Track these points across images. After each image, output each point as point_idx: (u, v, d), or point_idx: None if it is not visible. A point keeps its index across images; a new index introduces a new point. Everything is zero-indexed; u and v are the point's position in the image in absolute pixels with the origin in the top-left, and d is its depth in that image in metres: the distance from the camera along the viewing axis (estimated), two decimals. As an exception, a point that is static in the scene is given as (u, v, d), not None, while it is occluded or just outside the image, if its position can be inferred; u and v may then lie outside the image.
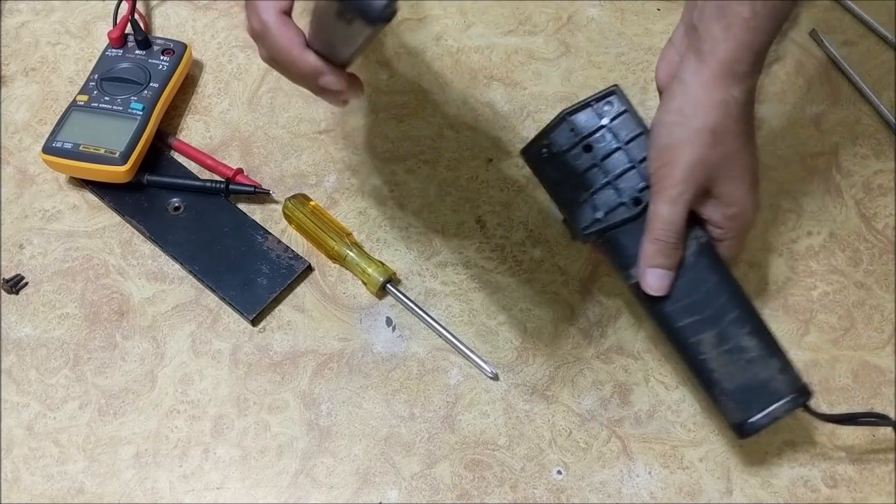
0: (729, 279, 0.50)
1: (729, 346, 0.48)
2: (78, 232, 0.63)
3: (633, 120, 0.50)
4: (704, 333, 0.49)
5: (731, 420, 0.49)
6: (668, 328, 0.50)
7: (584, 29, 0.73)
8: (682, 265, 0.49)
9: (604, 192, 0.50)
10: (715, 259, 0.50)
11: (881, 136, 0.67)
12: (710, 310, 0.49)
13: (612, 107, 0.50)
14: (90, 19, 0.74)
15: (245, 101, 0.69)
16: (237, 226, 0.62)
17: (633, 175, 0.49)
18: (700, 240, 0.50)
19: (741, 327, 0.49)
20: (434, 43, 0.72)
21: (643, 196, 0.49)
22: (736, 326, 0.48)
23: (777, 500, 0.53)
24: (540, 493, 0.53)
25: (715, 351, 0.48)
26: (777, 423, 0.48)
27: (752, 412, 0.48)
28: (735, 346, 0.48)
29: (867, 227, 0.62)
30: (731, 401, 0.49)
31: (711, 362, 0.49)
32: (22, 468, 0.54)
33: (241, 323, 0.59)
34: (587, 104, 0.50)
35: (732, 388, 0.48)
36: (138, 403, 0.56)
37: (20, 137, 0.67)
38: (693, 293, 0.49)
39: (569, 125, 0.50)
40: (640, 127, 0.50)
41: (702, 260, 0.49)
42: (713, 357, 0.48)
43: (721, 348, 0.48)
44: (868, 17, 0.72)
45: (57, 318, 0.59)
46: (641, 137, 0.50)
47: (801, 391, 0.48)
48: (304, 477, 0.54)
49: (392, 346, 0.58)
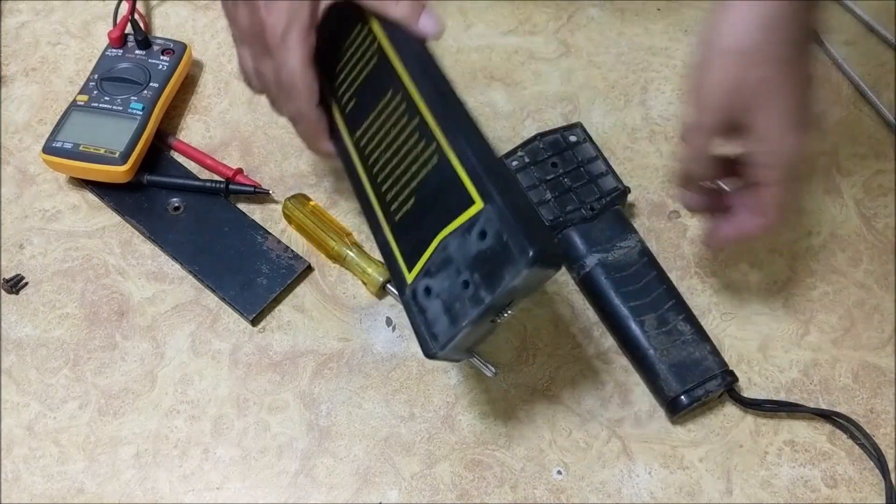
0: (664, 277, 0.57)
1: (668, 329, 0.55)
2: (78, 232, 0.63)
3: (592, 147, 0.61)
4: (647, 315, 0.55)
5: (667, 394, 0.54)
6: (617, 311, 0.56)
7: (584, 29, 0.73)
8: (627, 261, 0.57)
9: (565, 196, 0.59)
10: (652, 260, 0.58)
11: (881, 136, 0.67)
12: (649, 298, 0.56)
13: (576, 136, 0.61)
14: (90, 19, 0.74)
15: (245, 101, 0.69)
16: (237, 226, 0.62)
17: (591, 188, 0.59)
18: (641, 244, 0.58)
19: (677, 314, 0.56)
20: (434, 43, 0.72)
21: (597, 205, 0.58)
22: (673, 313, 0.55)
23: (777, 500, 0.53)
24: (540, 493, 0.53)
25: (656, 331, 0.55)
26: (706, 400, 0.54)
27: (686, 385, 0.53)
28: (673, 328, 0.55)
29: (867, 227, 0.62)
30: (670, 374, 0.54)
31: (653, 340, 0.54)
32: (22, 468, 0.54)
33: (240, 323, 0.59)
34: (556, 131, 0.61)
35: (672, 364, 0.54)
36: (138, 403, 0.56)
37: (20, 137, 0.67)
38: (635, 283, 0.56)
39: (540, 143, 0.60)
40: (597, 152, 0.60)
41: (642, 259, 0.57)
42: (655, 335, 0.55)
43: (661, 329, 0.55)
44: (868, 17, 0.72)
45: (57, 318, 0.59)
46: (598, 160, 0.60)
47: (729, 373, 0.55)
48: (304, 477, 0.54)
49: (392, 346, 0.58)
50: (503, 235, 0.39)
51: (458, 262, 0.41)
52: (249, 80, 0.52)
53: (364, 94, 0.48)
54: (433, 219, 0.42)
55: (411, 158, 0.44)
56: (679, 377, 0.53)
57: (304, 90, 0.47)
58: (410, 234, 0.43)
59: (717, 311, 0.59)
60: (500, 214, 0.39)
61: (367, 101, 0.47)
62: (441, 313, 0.42)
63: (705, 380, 0.53)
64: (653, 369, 0.54)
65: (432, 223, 0.42)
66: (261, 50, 0.48)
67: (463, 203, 0.41)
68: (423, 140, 0.44)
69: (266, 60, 0.48)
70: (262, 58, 0.48)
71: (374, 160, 0.46)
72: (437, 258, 0.42)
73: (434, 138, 0.43)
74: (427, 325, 0.43)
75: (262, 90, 0.52)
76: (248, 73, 0.52)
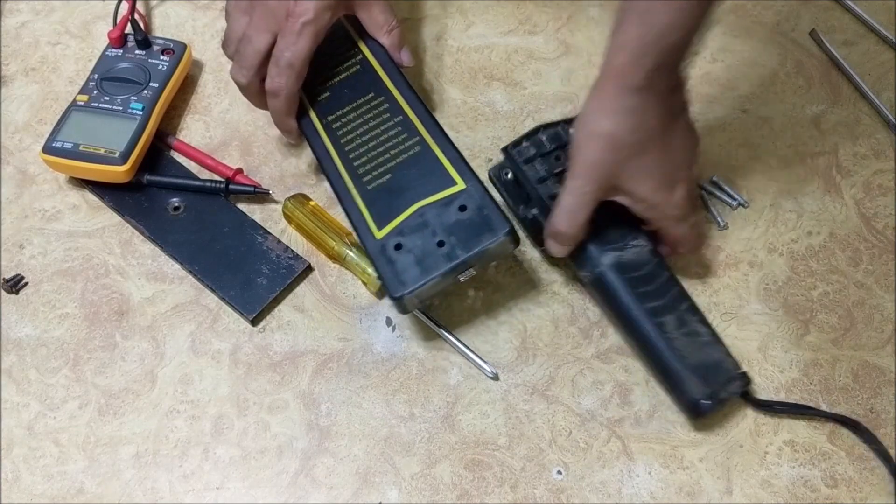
0: (675, 279, 0.56)
1: (687, 330, 0.54)
2: (78, 232, 0.63)
3: None
4: (667, 316, 0.54)
5: (692, 396, 0.53)
6: (633, 312, 0.54)
7: (584, 29, 0.73)
8: (641, 260, 0.55)
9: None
10: (663, 261, 0.57)
11: (881, 136, 0.67)
12: (665, 299, 0.55)
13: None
14: (90, 19, 0.74)
15: (245, 101, 0.69)
16: (237, 226, 0.62)
17: None
18: (652, 243, 0.56)
19: (693, 316, 0.55)
20: (434, 43, 0.72)
21: None
22: (689, 314, 0.55)
23: (777, 500, 0.53)
24: (540, 493, 0.53)
25: (677, 332, 0.54)
26: (726, 403, 0.54)
27: (710, 387, 0.53)
28: (692, 330, 0.54)
29: (867, 227, 0.62)
30: (693, 377, 0.53)
31: (676, 342, 0.53)
32: (22, 468, 0.54)
33: (240, 323, 0.59)
34: (557, 124, 0.59)
35: (694, 365, 0.53)
36: (138, 403, 0.56)
37: (20, 137, 0.67)
38: (650, 284, 0.55)
39: (543, 135, 0.59)
40: None
41: (653, 259, 0.56)
42: (677, 337, 0.54)
43: (681, 330, 0.54)
44: (868, 17, 0.72)
45: (57, 318, 0.59)
46: None
47: (744, 374, 0.55)
48: (304, 477, 0.54)
49: (392, 346, 0.58)
50: (484, 210, 0.53)
51: (434, 226, 0.53)
52: (228, 42, 0.60)
53: (341, 89, 0.60)
54: (411, 192, 0.55)
55: (391, 145, 0.57)
56: (703, 379, 0.53)
57: (299, 71, 0.57)
58: (382, 201, 0.55)
59: (717, 311, 0.59)
60: (482, 195, 0.54)
61: (343, 96, 0.60)
62: (412, 265, 0.53)
63: (726, 381, 0.53)
64: (675, 372, 0.53)
65: (410, 195, 0.55)
66: (267, 25, 0.57)
67: (444, 183, 0.54)
68: (405, 133, 0.57)
69: (263, 35, 0.57)
70: (261, 32, 0.57)
71: (347, 141, 0.58)
72: (413, 222, 0.54)
73: (418, 133, 0.57)
74: (395, 274, 0.53)
75: (233, 55, 0.60)
76: (232, 36, 0.60)
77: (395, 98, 0.59)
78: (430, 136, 0.57)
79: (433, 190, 0.54)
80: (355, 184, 0.57)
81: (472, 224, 0.53)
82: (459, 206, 0.53)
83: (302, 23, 0.56)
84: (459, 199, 0.54)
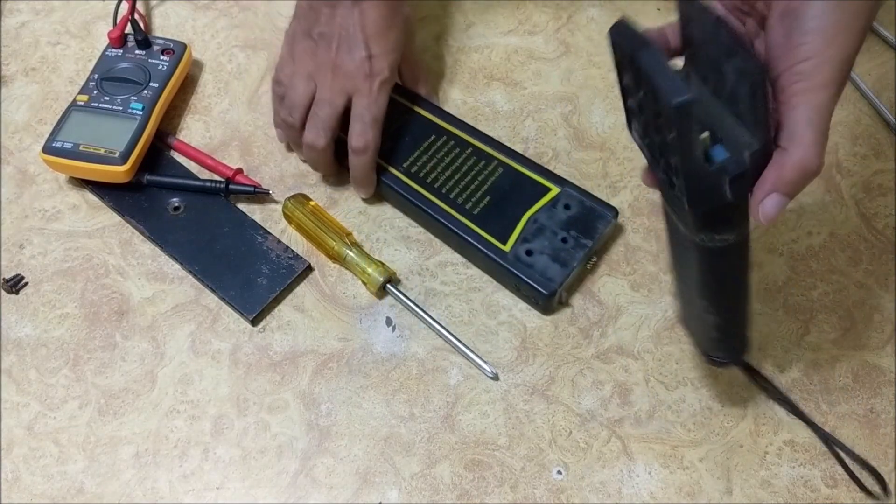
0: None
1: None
2: (78, 232, 0.63)
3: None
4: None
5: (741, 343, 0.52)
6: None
7: (584, 29, 0.73)
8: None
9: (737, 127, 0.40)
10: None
11: (881, 136, 0.67)
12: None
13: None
14: (90, 19, 0.74)
15: (245, 100, 0.69)
16: (237, 226, 0.62)
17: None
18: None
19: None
20: (434, 43, 0.72)
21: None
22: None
23: (777, 500, 0.53)
24: (540, 493, 0.53)
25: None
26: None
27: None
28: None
29: (867, 227, 0.62)
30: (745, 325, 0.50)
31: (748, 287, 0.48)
32: (22, 468, 0.54)
33: (240, 323, 0.59)
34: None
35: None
36: (138, 403, 0.56)
37: (20, 137, 0.67)
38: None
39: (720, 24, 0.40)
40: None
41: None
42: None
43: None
44: (868, 17, 0.72)
45: (57, 317, 0.59)
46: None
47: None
48: (304, 477, 0.54)
49: (392, 346, 0.58)
50: (586, 203, 0.60)
51: (551, 227, 0.59)
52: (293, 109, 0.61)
53: (402, 138, 0.64)
54: (515, 206, 0.60)
55: (475, 173, 0.62)
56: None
57: (380, 125, 0.61)
58: (494, 220, 0.60)
59: (717, 311, 0.59)
60: (578, 192, 0.61)
61: (407, 144, 0.64)
62: (549, 263, 0.58)
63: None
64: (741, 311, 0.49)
65: (516, 209, 0.60)
66: (344, 87, 0.60)
67: (540, 191, 0.61)
68: (482, 161, 0.62)
69: (341, 97, 0.60)
70: (339, 94, 0.60)
71: (432, 180, 0.62)
72: (531, 228, 0.59)
73: (493, 158, 0.62)
74: (540, 274, 0.57)
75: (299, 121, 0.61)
76: (298, 102, 0.61)
77: (455, 133, 0.64)
78: (505, 157, 0.62)
79: (534, 199, 0.60)
80: (461, 213, 0.60)
81: (582, 217, 0.59)
82: (564, 205, 0.60)
83: (380, 81, 0.60)
84: (561, 199, 0.60)
